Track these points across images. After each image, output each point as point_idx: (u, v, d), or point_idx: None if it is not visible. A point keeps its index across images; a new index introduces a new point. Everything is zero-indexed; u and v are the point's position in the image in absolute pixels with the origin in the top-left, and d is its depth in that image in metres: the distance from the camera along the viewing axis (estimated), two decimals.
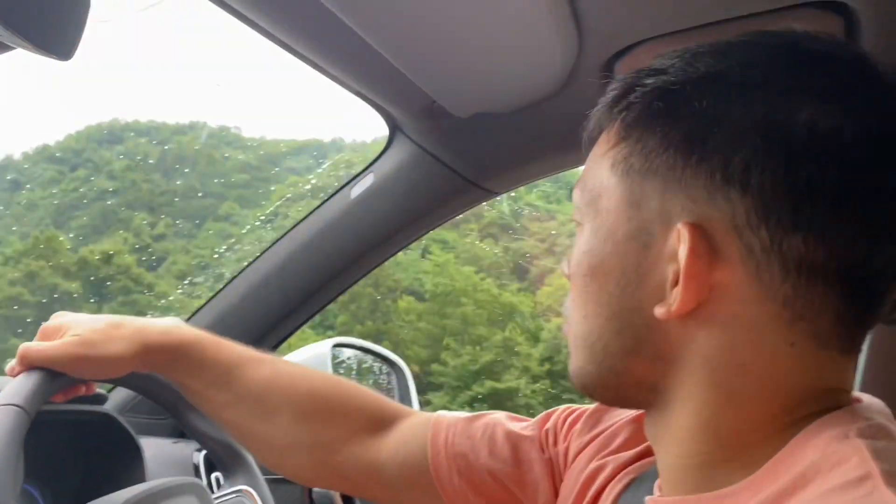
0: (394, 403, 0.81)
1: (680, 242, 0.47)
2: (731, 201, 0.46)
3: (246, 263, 1.31)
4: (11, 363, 0.74)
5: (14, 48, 0.56)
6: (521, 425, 0.74)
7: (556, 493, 0.70)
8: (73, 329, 0.76)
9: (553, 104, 0.98)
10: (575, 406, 0.73)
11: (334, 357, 1.47)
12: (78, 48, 0.55)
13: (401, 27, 0.78)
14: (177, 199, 7.02)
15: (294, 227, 1.27)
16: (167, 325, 0.79)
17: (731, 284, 0.46)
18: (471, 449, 0.72)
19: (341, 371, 1.55)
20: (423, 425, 0.76)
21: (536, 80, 0.93)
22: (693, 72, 0.48)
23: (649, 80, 0.50)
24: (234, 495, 1.08)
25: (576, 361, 0.54)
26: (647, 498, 0.56)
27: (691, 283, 0.46)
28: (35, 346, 0.74)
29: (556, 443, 0.72)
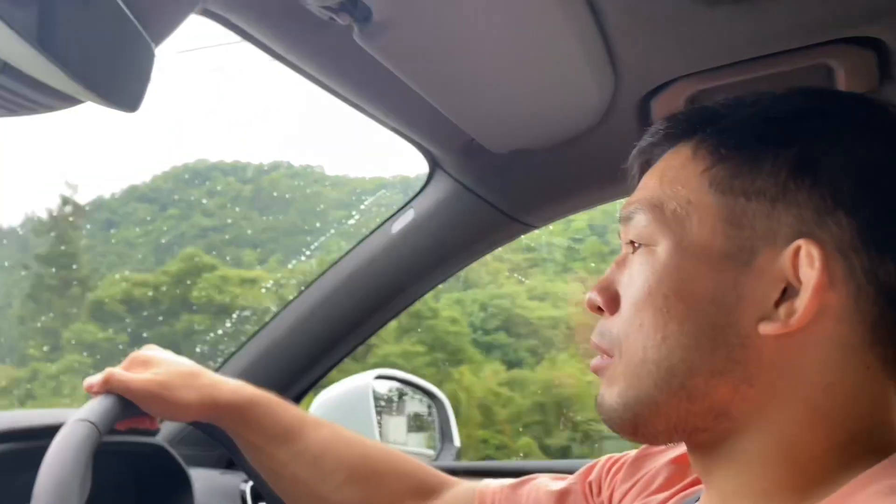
0: (440, 473, 0.82)
1: (800, 259, 0.47)
2: (840, 224, 0.47)
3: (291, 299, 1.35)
4: (93, 379, 0.79)
5: (83, 101, 0.59)
6: (565, 482, 0.75)
7: None
8: (158, 366, 0.81)
9: (589, 140, 0.99)
10: (617, 455, 0.73)
11: (375, 390, 1.49)
12: (144, 100, 0.59)
13: (440, 69, 0.81)
14: (280, 236, 7.11)
15: (336, 262, 1.31)
16: (238, 384, 0.84)
17: (834, 304, 0.47)
18: None
19: (383, 403, 1.56)
20: (469, 493, 0.78)
21: (573, 118, 0.95)
22: (786, 105, 0.52)
23: (741, 109, 0.53)
24: None
25: (634, 390, 0.52)
26: None
27: (815, 299, 0.47)
28: (120, 373, 0.79)
29: (599, 492, 0.72)
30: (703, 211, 0.51)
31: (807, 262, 0.47)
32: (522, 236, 1.25)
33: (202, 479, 1.15)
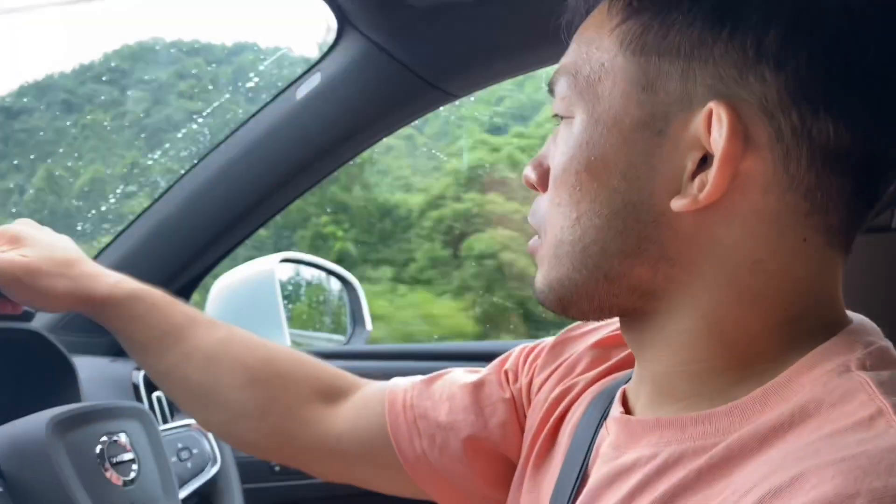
0: (349, 374, 0.77)
1: (712, 124, 0.43)
2: (763, 80, 0.42)
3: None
4: None
5: None
6: (479, 374, 0.71)
7: (522, 431, 0.67)
8: (29, 247, 0.73)
9: None
10: (532, 343, 0.71)
11: (280, 274, 1.41)
12: None
13: None
14: None
15: (233, 133, 1.18)
16: (119, 277, 0.76)
17: (756, 172, 0.43)
18: (431, 408, 0.69)
19: (290, 287, 1.49)
20: (380, 392, 0.73)
21: None
22: None
23: None
24: (184, 429, 1.03)
25: (556, 272, 0.50)
26: (615, 415, 0.53)
27: (726, 169, 0.43)
28: None
29: (516, 380, 0.69)
30: (616, 75, 0.46)
31: (717, 127, 0.43)
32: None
33: (89, 368, 1.06)
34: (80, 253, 0.76)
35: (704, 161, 0.44)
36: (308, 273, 1.60)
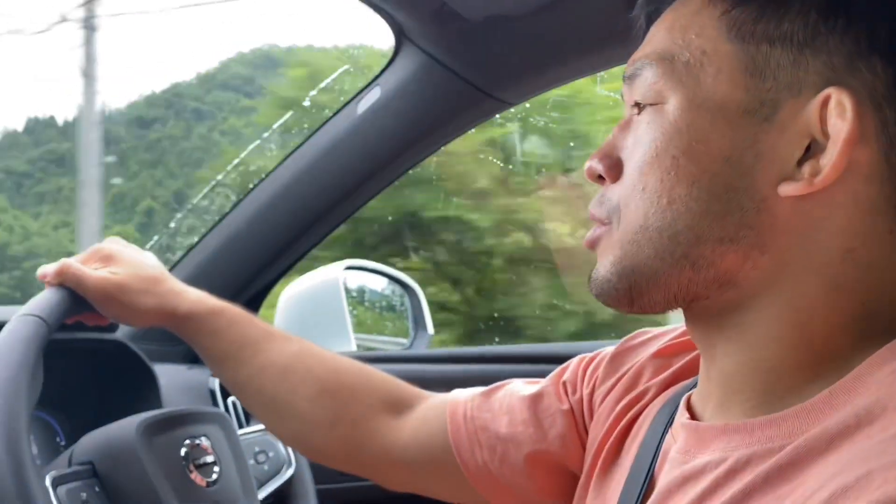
0: (413, 387, 0.79)
1: (828, 110, 0.43)
2: (874, 71, 0.43)
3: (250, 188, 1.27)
4: (48, 268, 0.75)
5: None
6: (538, 386, 0.72)
7: (582, 443, 0.67)
8: (119, 264, 0.77)
9: (570, 4, 0.91)
10: (590, 354, 0.71)
11: (346, 281, 1.45)
12: None
13: None
14: None
15: (298, 147, 1.22)
16: (201, 294, 0.80)
17: (863, 161, 0.44)
18: (491, 420, 0.70)
19: (354, 294, 1.52)
20: (442, 404, 0.75)
21: None
22: None
23: None
24: (260, 433, 1.07)
25: (631, 259, 0.49)
26: (682, 421, 0.53)
27: (845, 154, 0.43)
28: (76, 266, 0.75)
29: (575, 391, 0.69)
30: (721, 61, 0.46)
31: (836, 113, 0.43)
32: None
33: (168, 375, 1.11)
34: (165, 270, 0.80)
35: (809, 148, 0.44)
36: (371, 279, 1.64)
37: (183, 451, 0.80)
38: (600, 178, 0.54)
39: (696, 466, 0.48)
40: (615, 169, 0.52)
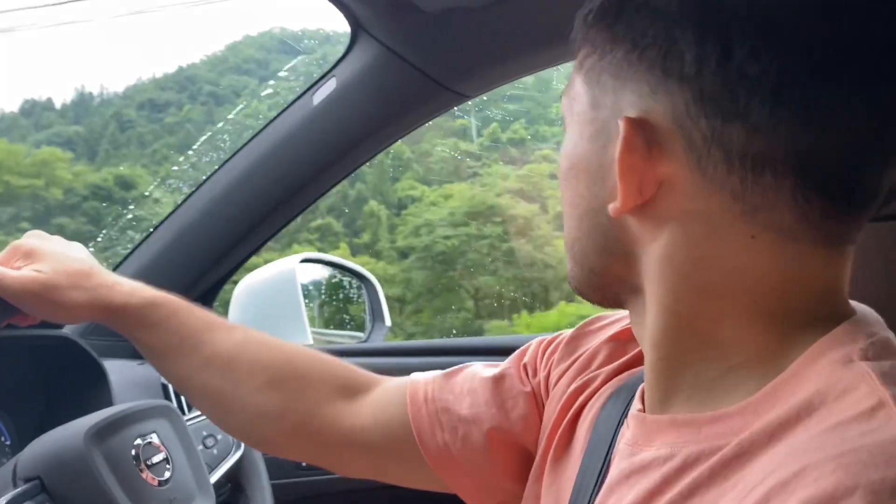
0: (367, 372, 0.78)
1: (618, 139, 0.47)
2: (671, 93, 0.46)
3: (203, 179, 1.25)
4: None
5: None
6: (498, 368, 0.72)
7: (542, 425, 0.67)
8: (42, 261, 0.73)
9: None
10: (550, 336, 0.72)
11: (301, 274, 1.43)
12: None
13: None
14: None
15: (251, 139, 1.21)
16: (135, 285, 0.76)
17: (675, 178, 0.46)
18: (453, 402, 0.70)
19: (310, 287, 1.51)
20: (401, 387, 0.73)
21: None
22: None
23: None
24: (205, 418, 1.06)
25: (568, 265, 0.56)
26: (633, 413, 0.54)
27: (629, 178, 0.47)
28: None
29: (535, 374, 0.70)
30: (580, 96, 0.52)
31: (619, 138, 0.47)
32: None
33: (119, 370, 1.09)
34: (95, 262, 0.76)
35: None
36: (327, 272, 1.63)
37: (133, 452, 0.78)
38: None
39: (644, 461, 0.49)
40: None
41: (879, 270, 1.00)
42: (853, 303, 0.50)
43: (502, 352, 1.20)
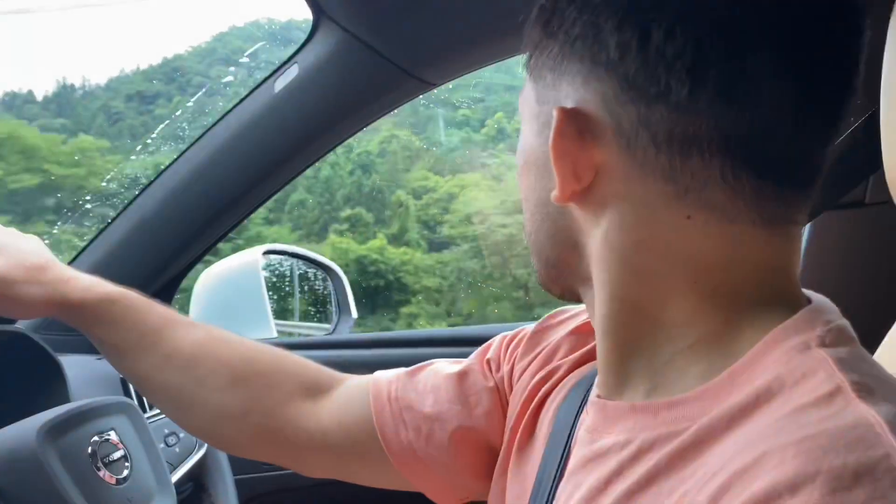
0: (331, 370, 0.76)
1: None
2: (600, 81, 0.47)
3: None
4: None
5: None
6: (462, 364, 0.72)
7: (506, 420, 0.67)
8: None
9: None
10: (512, 332, 0.72)
11: (267, 265, 1.41)
12: None
13: None
14: None
15: (210, 127, 1.18)
16: (93, 280, 0.73)
17: (609, 164, 0.47)
18: (416, 400, 0.70)
19: (274, 279, 1.49)
20: (363, 386, 0.73)
21: None
22: None
23: None
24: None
25: (532, 260, 0.57)
26: (592, 399, 0.54)
27: (562, 164, 0.48)
28: None
29: (498, 368, 0.70)
30: (527, 94, 0.54)
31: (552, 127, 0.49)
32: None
33: (77, 366, 1.06)
34: (51, 256, 0.74)
35: None
36: (292, 263, 1.61)
37: (90, 450, 0.75)
38: None
39: (602, 447, 0.49)
40: None
41: (836, 258, 1.02)
42: (808, 292, 0.50)
43: (467, 342, 1.20)
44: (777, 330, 0.45)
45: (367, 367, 0.79)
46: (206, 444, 1.08)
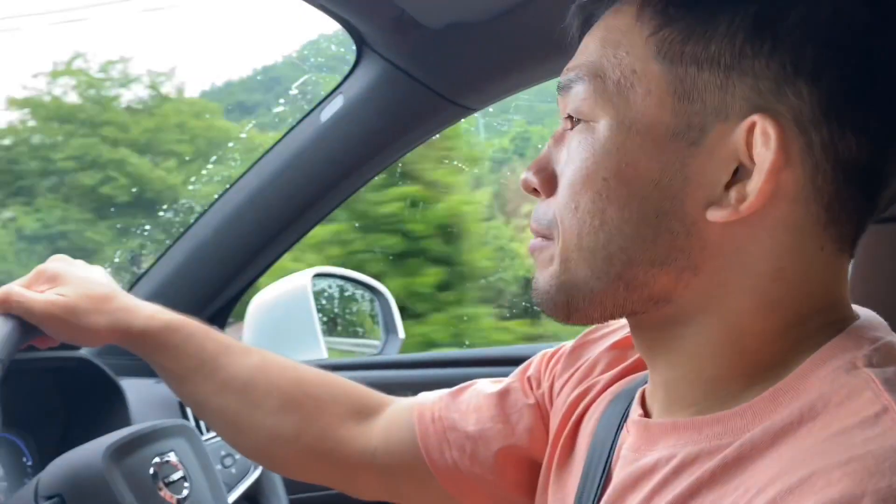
0: (378, 393, 0.79)
1: (754, 137, 0.44)
2: (800, 95, 0.43)
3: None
4: None
5: None
6: (503, 383, 0.73)
7: (548, 435, 0.68)
8: (65, 284, 0.74)
9: (529, 10, 0.92)
10: (552, 349, 0.72)
11: (315, 287, 1.45)
12: None
13: None
14: None
15: (261, 157, 1.22)
16: (155, 309, 0.77)
17: (788, 184, 0.44)
18: (459, 420, 0.71)
19: (323, 301, 1.52)
20: (409, 408, 0.74)
21: None
22: None
23: None
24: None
25: (569, 276, 0.50)
26: (634, 418, 0.54)
27: (771, 182, 0.44)
28: (19, 292, 0.72)
29: (539, 385, 0.70)
30: (650, 82, 0.46)
31: (762, 141, 0.43)
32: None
33: (136, 389, 1.10)
34: (115, 286, 0.78)
35: (736, 172, 0.45)
36: (340, 285, 1.64)
37: (151, 470, 0.79)
38: (535, 191, 0.54)
39: (648, 464, 0.50)
40: (549, 183, 0.52)
41: (883, 273, 1.00)
42: (856, 307, 0.50)
43: (508, 362, 1.21)
44: (824, 348, 0.45)
45: (413, 387, 0.80)
46: (260, 468, 1.11)
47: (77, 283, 0.75)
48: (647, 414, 0.54)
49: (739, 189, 0.44)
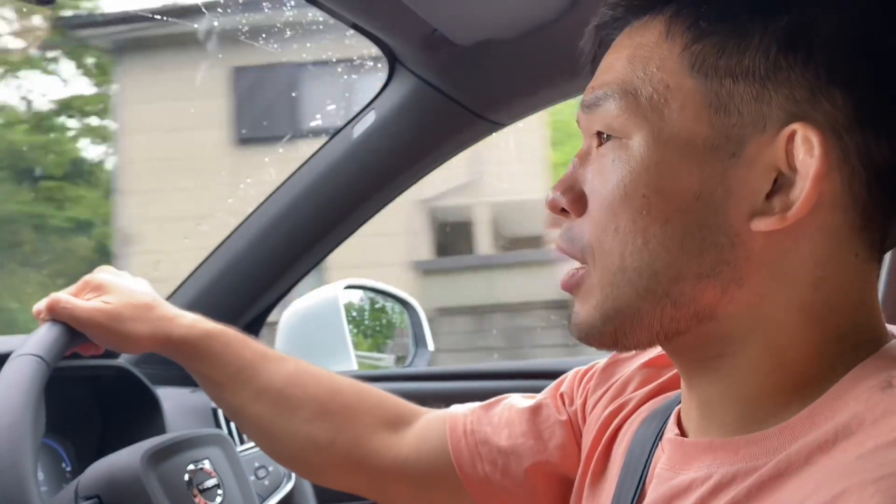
0: (411, 403, 0.80)
1: (795, 145, 0.44)
2: (834, 103, 0.43)
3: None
4: (40, 304, 0.76)
5: None
6: (536, 399, 0.73)
7: (580, 452, 0.68)
8: (110, 293, 0.78)
9: (558, 28, 0.94)
10: (585, 366, 0.72)
11: (345, 300, 1.46)
12: None
13: None
14: None
15: (295, 171, 1.24)
16: (195, 318, 0.80)
17: (828, 192, 0.44)
18: (491, 433, 0.72)
19: (353, 313, 1.54)
20: (441, 419, 0.75)
21: (540, 4, 0.89)
22: None
23: None
24: (259, 449, 1.08)
25: (614, 301, 0.49)
26: (669, 437, 0.54)
27: (815, 189, 0.43)
28: (66, 300, 0.76)
29: (571, 402, 0.71)
30: (685, 96, 0.46)
31: (804, 149, 0.44)
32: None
33: (171, 398, 1.12)
34: (157, 296, 0.81)
35: (776, 181, 0.45)
36: (370, 297, 1.65)
37: (186, 477, 0.81)
38: (563, 211, 0.53)
39: (683, 483, 0.49)
40: (579, 202, 0.52)
41: None
42: (890, 326, 0.49)
43: (540, 375, 1.21)
44: (860, 367, 0.45)
45: (444, 399, 0.81)
46: (293, 478, 1.12)
47: (121, 292, 0.78)
48: (682, 432, 0.54)
49: (782, 198, 0.44)
